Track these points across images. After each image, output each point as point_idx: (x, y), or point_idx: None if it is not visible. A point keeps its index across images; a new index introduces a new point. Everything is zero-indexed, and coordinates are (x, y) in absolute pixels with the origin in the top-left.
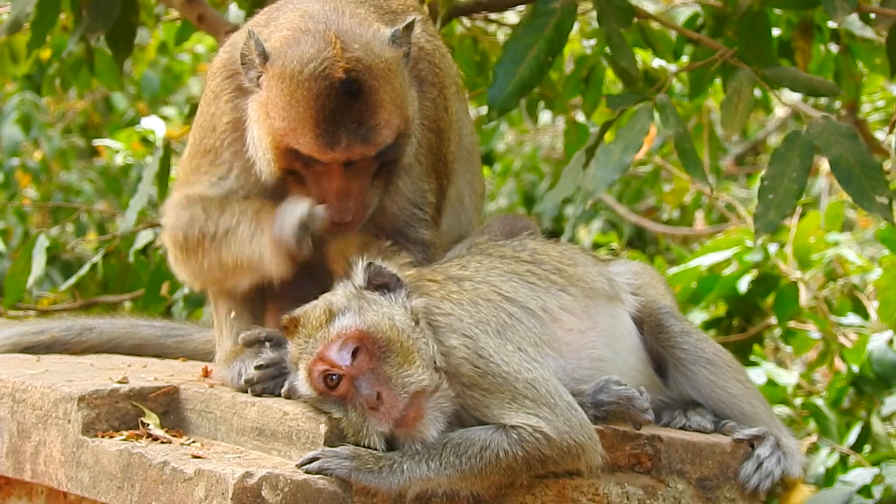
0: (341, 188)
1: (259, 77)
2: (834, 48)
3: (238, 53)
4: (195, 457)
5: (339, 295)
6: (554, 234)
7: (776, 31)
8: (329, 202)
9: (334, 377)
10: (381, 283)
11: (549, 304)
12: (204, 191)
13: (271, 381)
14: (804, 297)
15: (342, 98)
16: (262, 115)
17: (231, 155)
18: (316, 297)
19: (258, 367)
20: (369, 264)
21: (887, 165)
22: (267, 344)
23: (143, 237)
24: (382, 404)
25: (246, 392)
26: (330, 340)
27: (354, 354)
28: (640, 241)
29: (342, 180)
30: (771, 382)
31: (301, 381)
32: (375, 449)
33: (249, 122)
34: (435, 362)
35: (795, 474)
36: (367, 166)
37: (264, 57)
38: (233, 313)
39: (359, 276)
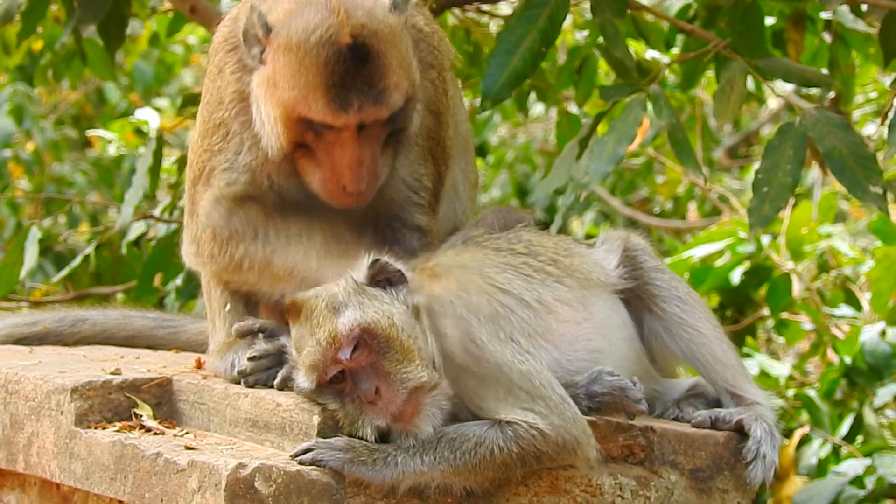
0: (354, 156)
1: (262, 52)
2: (827, 38)
3: (239, 28)
4: (188, 448)
5: (339, 288)
6: (547, 225)
7: (770, 21)
8: (342, 172)
9: (337, 372)
10: (384, 279)
11: (544, 296)
12: (227, 180)
13: (264, 373)
14: (797, 289)
15: (351, 62)
16: (268, 89)
17: (240, 126)
18: None
19: (251, 359)
20: (375, 261)
21: (880, 157)
22: (260, 335)
23: (136, 229)
24: (381, 399)
25: (239, 383)
26: (339, 343)
27: (355, 349)
28: None
29: (355, 148)
30: (763, 374)
31: (301, 375)
32: (368, 440)
33: (254, 99)
34: (433, 359)
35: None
36: (377, 134)
37: (267, 29)
38: (227, 306)
39: (361, 272)
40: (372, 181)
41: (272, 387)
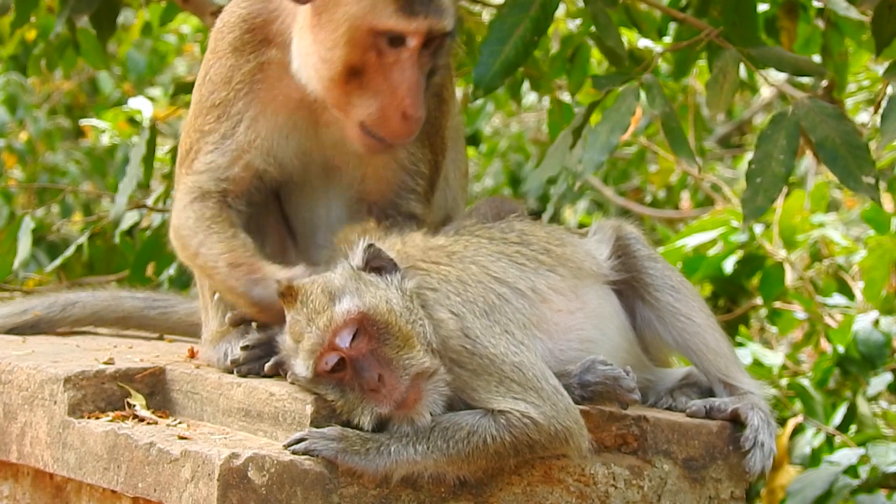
0: (415, 77)
1: None
2: (820, 25)
3: (261, 7)
4: (181, 438)
5: (336, 276)
6: (539, 214)
7: (762, 8)
8: (401, 96)
9: (337, 361)
10: (378, 266)
11: (538, 285)
12: (207, 164)
13: (257, 362)
14: (790, 278)
15: None
16: (325, 14)
17: (244, 105)
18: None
19: (244, 348)
20: (369, 245)
21: (873, 145)
22: (253, 324)
23: (129, 218)
24: (384, 386)
25: (232, 373)
26: (337, 328)
27: (354, 336)
28: None
29: (415, 70)
30: (756, 363)
31: (300, 364)
32: (363, 429)
33: (300, 36)
34: (432, 345)
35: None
36: (426, 62)
37: None
38: (218, 295)
39: (357, 256)
40: (423, 113)
41: (265, 376)
